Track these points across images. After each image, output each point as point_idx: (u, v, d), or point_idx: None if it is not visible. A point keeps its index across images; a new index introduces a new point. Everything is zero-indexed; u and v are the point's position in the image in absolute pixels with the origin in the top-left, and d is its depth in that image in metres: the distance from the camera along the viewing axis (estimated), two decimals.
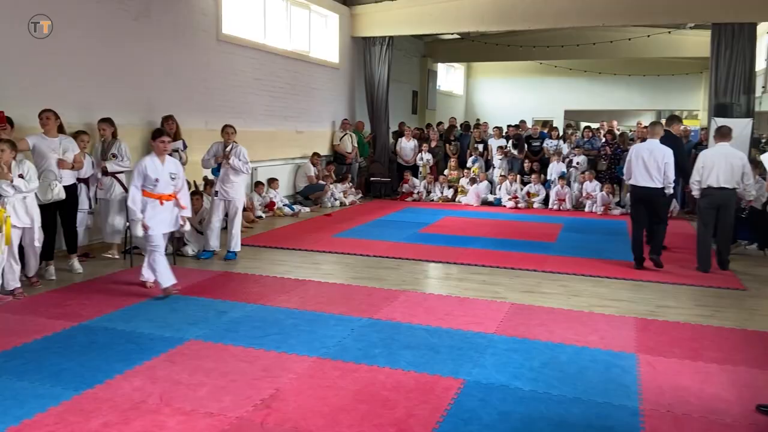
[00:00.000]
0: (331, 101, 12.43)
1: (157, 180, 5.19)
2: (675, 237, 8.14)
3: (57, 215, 5.90)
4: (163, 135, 5.30)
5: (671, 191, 6.67)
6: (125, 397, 3.34)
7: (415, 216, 10.34)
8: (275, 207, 9.94)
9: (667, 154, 6.46)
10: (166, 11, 7.99)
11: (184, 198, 5.50)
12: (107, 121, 6.73)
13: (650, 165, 6.45)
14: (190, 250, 6.95)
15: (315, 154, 11.36)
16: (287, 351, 4.07)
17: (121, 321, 4.61)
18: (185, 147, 7.66)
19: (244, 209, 8.92)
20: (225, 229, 7.06)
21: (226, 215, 6.93)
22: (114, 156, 6.68)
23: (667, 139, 6.87)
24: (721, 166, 6.44)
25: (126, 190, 6.51)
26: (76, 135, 6.27)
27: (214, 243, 6.85)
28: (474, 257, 7.07)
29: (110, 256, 6.68)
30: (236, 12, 9.57)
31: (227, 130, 6.80)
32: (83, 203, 6.43)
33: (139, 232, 5.20)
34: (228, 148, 6.75)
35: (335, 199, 11.28)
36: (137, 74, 7.57)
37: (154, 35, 7.80)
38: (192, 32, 8.44)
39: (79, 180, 6.31)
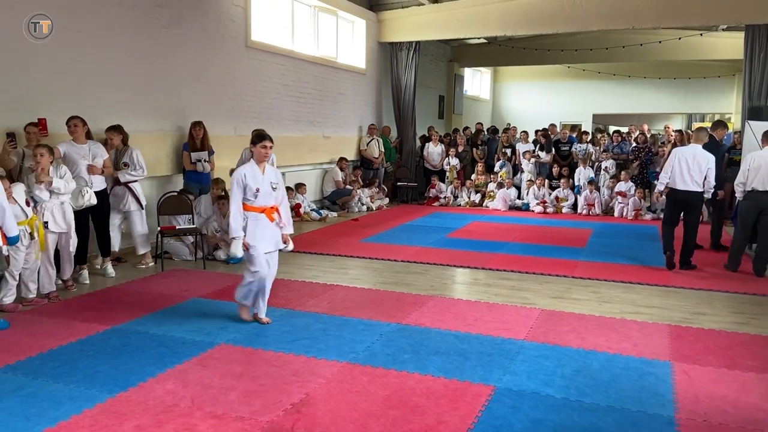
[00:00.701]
0: (358, 106, 12.49)
1: (258, 190, 4.53)
2: (707, 242, 7.99)
3: (90, 220, 6.02)
4: (266, 139, 4.59)
5: (709, 196, 6.77)
6: (158, 400, 3.39)
7: (442, 221, 10.31)
8: (303, 212, 10.00)
9: (710, 160, 6.55)
10: (196, 18, 8.12)
11: (286, 212, 4.81)
12: (115, 129, 6.43)
13: (693, 169, 6.52)
14: (222, 254, 7.02)
15: (342, 158, 11.41)
16: (316, 356, 4.08)
17: (153, 324, 4.68)
18: (212, 153, 7.74)
19: None
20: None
21: None
22: (126, 165, 6.46)
23: (710, 143, 6.91)
24: (767, 168, 6.41)
25: (138, 200, 6.55)
26: (107, 141, 6.40)
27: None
28: (502, 262, 7.01)
29: (144, 265, 6.65)
30: (265, 19, 9.68)
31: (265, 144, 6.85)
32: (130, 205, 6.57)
33: (239, 252, 4.52)
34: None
35: (362, 204, 11.31)
36: (167, 81, 7.70)
37: (185, 42, 7.93)
38: (221, 39, 8.57)
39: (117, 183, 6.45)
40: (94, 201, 5.77)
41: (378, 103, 13.24)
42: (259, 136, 4.65)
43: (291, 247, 4.86)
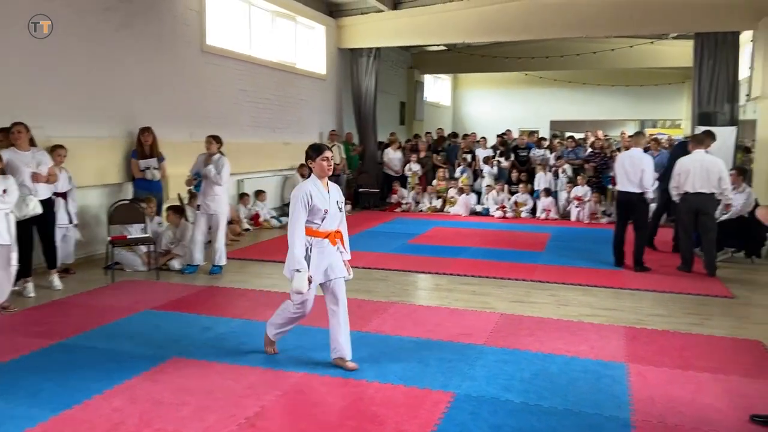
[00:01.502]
0: (319, 112, 12.40)
1: (326, 212, 3.80)
2: (664, 245, 8.18)
3: (34, 231, 5.76)
4: (324, 150, 3.86)
5: (651, 196, 7.09)
6: (104, 418, 3.23)
7: (404, 227, 10.29)
8: (262, 219, 9.84)
9: (645, 162, 6.89)
10: (149, 22, 7.92)
11: (346, 235, 4.11)
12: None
13: (631, 172, 6.87)
14: (176, 264, 6.84)
15: (303, 165, 11.28)
16: (273, 367, 3.98)
17: (102, 339, 4.49)
18: (162, 160, 7.54)
19: (230, 222, 8.85)
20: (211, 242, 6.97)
21: (210, 228, 6.82)
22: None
23: (682, 150, 7.34)
24: (696, 172, 6.68)
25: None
26: (53, 149, 6.17)
27: (198, 257, 6.74)
28: (463, 267, 7.02)
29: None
30: (220, 23, 9.52)
31: (206, 141, 6.69)
32: (62, 218, 6.29)
33: (303, 287, 3.70)
34: (214, 158, 6.65)
35: None
36: (118, 86, 7.49)
37: (136, 46, 7.73)
38: (175, 43, 8.38)
39: (57, 194, 6.17)
40: (39, 210, 5.52)
41: (339, 109, 13.17)
42: (317, 149, 3.86)
43: (351, 275, 4.11)
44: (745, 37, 11.31)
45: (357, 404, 3.45)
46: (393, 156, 13.08)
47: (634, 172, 6.84)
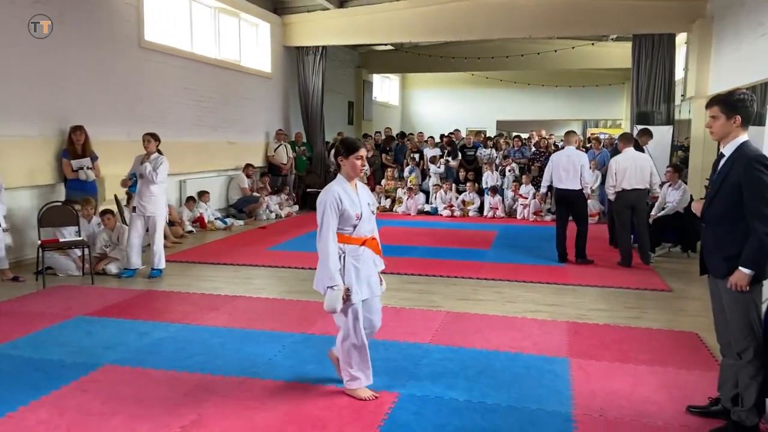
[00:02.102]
0: (265, 111, 12.18)
1: (358, 216, 3.34)
2: (601, 240, 8.39)
3: None
4: (360, 148, 3.39)
5: (588, 192, 7.41)
6: (28, 431, 3.04)
7: None
8: (206, 221, 9.58)
9: (582, 158, 7.20)
10: (83, 17, 7.59)
11: (378, 243, 3.59)
12: None
13: (568, 169, 7.10)
14: (113, 268, 6.56)
15: (248, 165, 11.07)
16: (213, 372, 3.84)
17: (29, 347, 4.25)
18: (95, 159, 7.24)
19: (172, 224, 8.59)
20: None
21: (147, 231, 6.57)
22: None
23: (636, 150, 7.48)
24: (631, 169, 7.00)
25: None
26: None
27: (135, 260, 6.49)
28: (411, 267, 7.00)
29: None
30: (160, 19, 9.22)
31: (144, 139, 6.44)
32: None
33: (338, 305, 3.25)
34: (152, 157, 6.41)
35: (270, 212, 11.01)
36: (50, 82, 7.14)
37: (69, 41, 7.38)
38: (111, 39, 8.06)
39: None
40: None
41: (285, 108, 12.98)
42: (350, 145, 3.38)
43: (385, 287, 3.64)
44: (681, 39, 11.76)
45: (299, 408, 3.36)
46: None
47: (573, 169, 7.07)
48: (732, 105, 2.97)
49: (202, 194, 9.77)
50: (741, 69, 8.53)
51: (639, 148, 7.83)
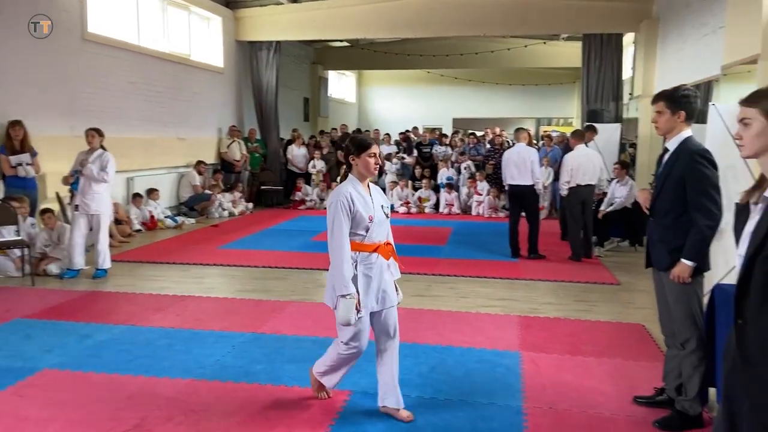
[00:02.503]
0: (217, 107, 11.91)
1: (371, 219, 3.04)
2: (553, 236, 8.54)
3: None
4: (372, 145, 3.08)
5: (540, 188, 7.51)
6: None
7: (307, 224, 10.10)
8: (156, 219, 9.32)
9: (532, 154, 7.33)
10: (21, 8, 7.24)
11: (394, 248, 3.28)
12: None
13: (519, 165, 7.21)
14: (54, 268, 6.29)
15: (200, 162, 10.82)
16: (158, 375, 3.71)
17: None
18: (34, 155, 6.94)
19: (120, 222, 8.32)
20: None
21: (91, 230, 6.33)
22: None
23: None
24: (585, 165, 7.19)
25: None
26: None
27: (78, 261, 6.23)
28: None
29: None
30: (104, 10, 8.89)
31: (87, 135, 6.20)
32: None
33: (352, 317, 2.94)
34: (92, 156, 6.17)
35: (223, 210, 10.79)
36: None
37: (7, 34, 7.04)
38: (53, 31, 7.71)
39: None
40: None
41: (239, 104, 12.74)
42: (361, 142, 3.07)
43: (401, 297, 3.29)
44: (628, 39, 12.06)
45: (247, 409, 3.27)
46: (297, 153, 12.84)
47: (524, 165, 7.17)
48: (677, 101, 3.04)
49: (152, 192, 9.50)
50: (685, 68, 8.79)
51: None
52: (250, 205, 11.79)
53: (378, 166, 3.16)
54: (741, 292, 1.76)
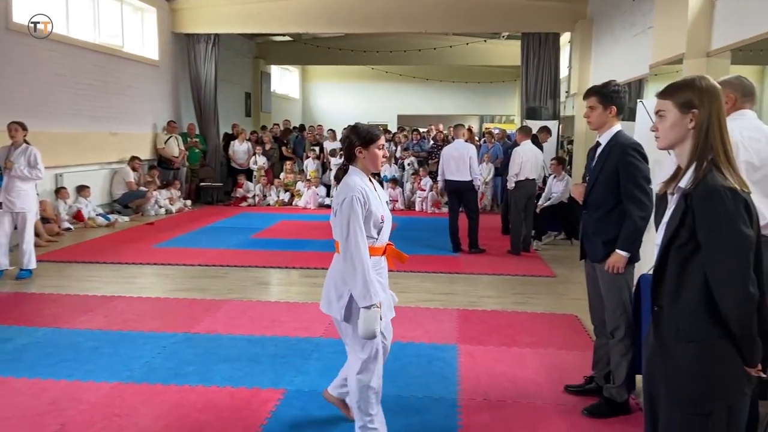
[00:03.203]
0: (152, 101, 11.52)
1: (383, 219, 2.76)
2: (495, 230, 8.67)
3: None
4: (381, 136, 2.77)
5: (479, 184, 7.61)
6: None
7: (248, 221, 9.91)
8: (86, 217, 8.93)
9: (470, 150, 7.38)
10: None
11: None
12: None
13: (458, 161, 7.27)
14: None
15: (134, 158, 10.44)
16: (82, 379, 3.54)
17: None
18: None
19: (47, 221, 7.94)
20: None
21: (16, 228, 6.00)
22: None
23: (535, 144, 7.83)
24: (531, 160, 7.35)
25: None
26: None
27: (1, 261, 5.89)
28: (307, 260, 6.86)
29: None
30: None
31: (10, 128, 5.87)
32: None
33: (376, 329, 2.57)
34: (16, 151, 5.84)
35: (160, 207, 10.45)
36: None
37: None
38: None
39: None
40: None
41: (176, 98, 12.36)
42: (369, 133, 2.72)
43: (397, 300, 3.08)
44: (565, 39, 12.38)
45: (176, 412, 3.16)
46: (238, 148, 12.58)
47: (462, 161, 7.25)
48: (608, 96, 3.11)
49: (82, 189, 9.10)
50: (617, 67, 9.09)
51: (538, 143, 8.20)
52: (189, 202, 11.48)
53: (385, 159, 2.83)
54: (657, 281, 1.80)
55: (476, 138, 13.74)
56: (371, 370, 2.70)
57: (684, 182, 1.75)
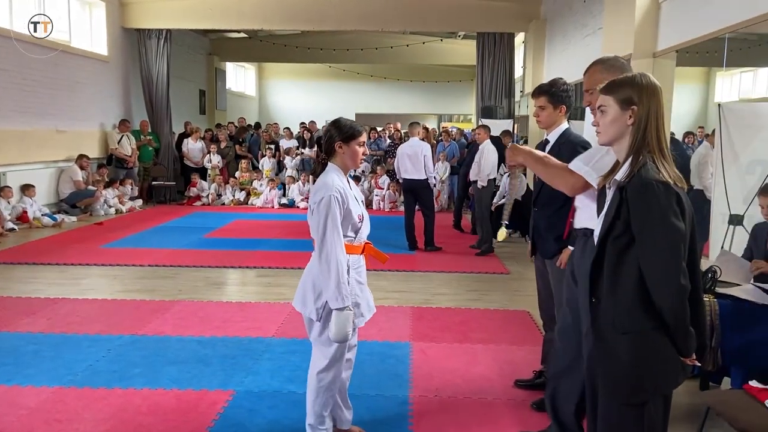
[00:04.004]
0: (102, 98, 11.17)
1: (360, 219, 2.68)
2: (450, 228, 8.74)
3: None
4: (362, 133, 2.71)
5: (433, 182, 7.63)
6: None
7: (201, 221, 9.71)
8: (31, 217, 8.59)
9: (425, 149, 7.41)
10: None
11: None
12: None
13: (413, 159, 7.31)
14: None
15: (82, 156, 10.10)
16: (21, 383, 3.40)
17: None
18: None
19: None
20: None
21: None
22: None
23: (496, 145, 7.92)
24: (495, 159, 7.56)
25: None
26: None
27: None
28: (260, 260, 6.77)
29: None
30: None
31: None
32: None
33: (348, 332, 2.52)
34: None
35: (109, 206, 10.14)
36: None
37: None
38: None
39: None
40: None
41: (126, 95, 12.02)
42: (350, 129, 2.65)
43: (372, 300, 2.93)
44: (519, 39, 12.57)
45: (119, 416, 3.06)
46: (192, 147, 12.32)
47: (417, 160, 7.29)
48: (558, 96, 3.16)
49: (27, 188, 8.76)
50: (570, 67, 9.26)
51: (499, 145, 8.30)
52: (140, 201, 11.18)
53: (366, 156, 2.88)
54: (595, 272, 1.83)
55: (432, 137, 13.81)
56: (333, 370, 2.66)
57: (620, 175, 1.79)
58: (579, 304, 2.50)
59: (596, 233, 1.86)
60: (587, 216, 2.56)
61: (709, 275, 3.07)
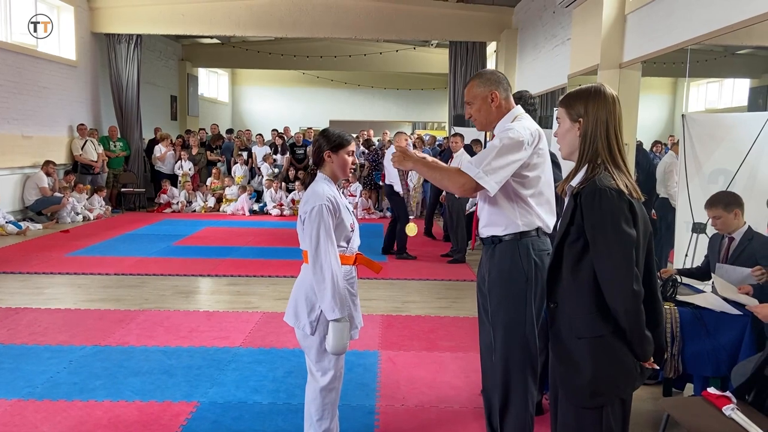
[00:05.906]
0: (69, 103, 10.98)
1: (352, 228, 2.64)
2: (421, 236, 8.76)
3: None
4: (351, 142, 2.65)
5: (399, 190, 7.46)
6: None
7: (171, 228, 9.58)
8: None
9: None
10: None
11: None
12: None
13: (387, 167, 7.53)
14: None
15: (49, 162, 9.90)
16: None
17: None
18: None
19: None
20: None
21: None
22: None
23: (469, 153, 7.94)
24: None
25: None
26: None
27: None
28: (230, 268, 6.70)
29: None
30: None
31: None
32: None
33: (345, 346, 2.48)
34: None
35: (76, 214, 9.95)
36: None
37: None
38: None
39: None
40: None
41: (95, 101, 11.83)
42: (339, 138, 2.59)
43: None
44: (491, 49, 12.71)
45: (79, 429, 2.99)
46: (163, 153, 12.16)
47: (387, 166, 7.49)
48: (525, 109, 3.16)
49: None
50: (540, 76, 9.40)
51: (471, 153, 8.36)
52: (108, 208, 10.99)
53: (355, 166, 2.76)
54: (552, 278, 1.85)
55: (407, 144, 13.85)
56: (336, 388, 2.60)
57: (575, 182, 1.82)
58: (483, 312, 2.53)
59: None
60: (490, 222, 2.58)
61: (670, 283, 3.13)
